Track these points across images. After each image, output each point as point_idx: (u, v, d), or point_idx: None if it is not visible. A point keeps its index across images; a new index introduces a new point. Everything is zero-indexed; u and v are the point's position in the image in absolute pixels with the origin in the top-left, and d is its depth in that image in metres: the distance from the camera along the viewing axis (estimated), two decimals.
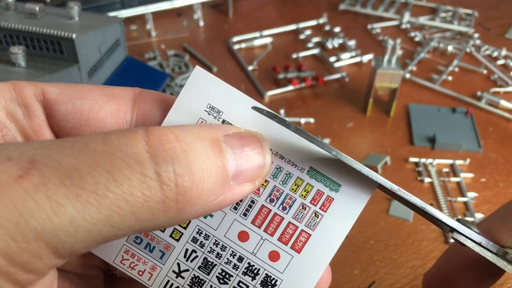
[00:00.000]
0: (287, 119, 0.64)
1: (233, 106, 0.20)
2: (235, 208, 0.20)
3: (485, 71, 0.73)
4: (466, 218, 0.51)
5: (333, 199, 0.19)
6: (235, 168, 0.17)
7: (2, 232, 0.12)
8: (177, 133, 0.16)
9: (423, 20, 0.84)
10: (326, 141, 0.59)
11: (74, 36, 0.49)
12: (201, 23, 0.83)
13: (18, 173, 0.13)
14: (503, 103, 0.66)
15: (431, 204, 0.53)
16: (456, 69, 0.73)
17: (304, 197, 0.19)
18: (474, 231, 0.18)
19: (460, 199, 0.53)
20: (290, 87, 0.68)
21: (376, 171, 0.56)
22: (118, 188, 0.14)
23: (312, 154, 0.19)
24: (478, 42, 0.80)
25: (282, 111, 0.63)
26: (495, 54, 0.77)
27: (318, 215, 0.19)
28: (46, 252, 0.13)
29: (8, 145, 0.14)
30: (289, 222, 0.20)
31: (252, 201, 0.20)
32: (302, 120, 0.63)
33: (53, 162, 0.14)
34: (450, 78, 0.71)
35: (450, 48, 0.77)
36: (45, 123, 0.19)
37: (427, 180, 0.55)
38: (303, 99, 0.67)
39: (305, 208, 0.19)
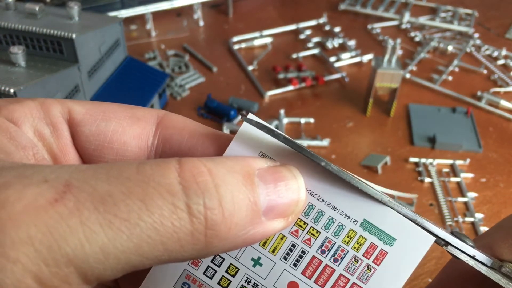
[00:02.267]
0: (286, 119, 0.64)
1: (285, 154, 0.19)
2: (285, 258, 0.20)
3: (485, 71, 0.73)
4: (467, 218, 0.51)
5: (387, 253, 0.19)
6: (267, 203, 0.16)
7: (35, 255, 0.12)
8: (209, 166, 0.15)
9: (423, 20, 0.84)
10: (326, 141, 0.59)
11: (74, 36, 0.49)
12: (201, 23, 0.83)
13: (54, 197, 0.13)
14: (503, 103, 0.66)
15: (430, 205, 0.53)
16: (456, 69, 0.73)
17: (357, 249, 0.19)
18: (468, 244, 0.18)
19: (460, 199, 0.53)
20: (290, 87, 0.68)
21: (376, 171, 0.56)
22: (149, 218, 0.14)
23: (366, 205, 0.19)
24: (478, 42, 0.80)
25: (282, 111, 0.63)
26: (495, 54, 0.77)
27: (371, 269, 0.19)
28: (75, 277, 0.13)
29: (45, 167, 0.15)
30: (341, 274, 0.19)
31: (303, 252, 0.19)
32: (302, 120, 0.63)
33: (88, 187, 0.14)
34: (450, 78, 0.71)
35: (450, 48, 0.77)
36: (71, 142, 0.19)
37: (427, 180, 0.55)
38: (303, 99, 0.67)
39: (358, 261, 0.19)
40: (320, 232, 0.19)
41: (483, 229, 0.50)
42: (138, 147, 0.19)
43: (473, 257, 0.18)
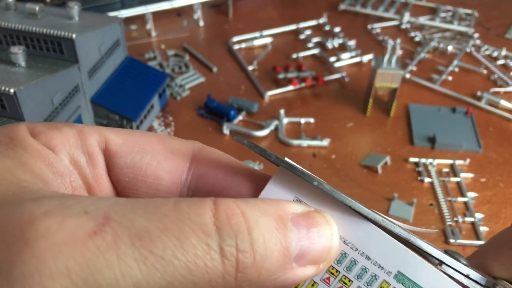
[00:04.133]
0: (286, 119, 0.63)
1: (320, 200, 0.19)
2: None
3: (485, 71, 0.73)
4: (466, 218, 0.51)
5: None
6: (299, 249, 0.16)
7: (71, 287, 0.13)
8: (243, 208, 0.16)
9: (423, 20, 0.84)
10: (326, 141, 0.59)
11: (74, 36, 0.49)
12: (201, 23, 0.83)
13: (93, 229, 0.13)
14: (503, 103, 0.66)
15: (430, 205, 0.53)
16: (456, 69, 0.73)
17: None
18: (462, 263, 0.18)
19: (460, 199, 0.53)
20: (290, 87, 0.68)
21: (376, 171, 0.56)
22: (184, 256, 0.14)
23: (400, 256, 0.19)
24: (478, 42, 0.80)
25: (282, 111, 0.63)
26: (495, 54, 0.77)
27: None
28: None
29: (84, 198, 0.15)
30: None
31: None
32: (302, 120, 0.63)
33: (126, 221, 0.14)
34: (450, 78, 0.71)
35: (450, 48, 0.77)
36: (105, 173, 0.19)
37: (427, 180, 0.55)
38: (303, 99, 0.67)
39: None
40: (352, 281, 0.19)
41: (483, 229, 0.50)
42: (172, 182, 0.20)
43: (467, 276, 0.18)
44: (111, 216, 0.14)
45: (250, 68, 0.72)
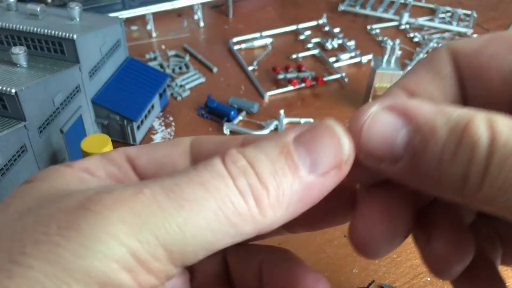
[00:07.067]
0: (286, 119, 0.64)
1: None
2: None
3: None
4: None
5: None
6: (309, 161, 0.18)
7: (129, 232, 0.15)
8: (243, 151, 0.18)
9: (422, 20, 0.84)
10: None
11: (75, 36, 0.50)
12: (202, 24, 0.84)
13: (135, 191, 0.16)
14: None
15: None
16: None
17: None
18: None
19: None
20: (290, 87, 0.68)
21: None
22: (211, 196, 0.16)
23: None
24: None
25: (282, 111, 0.63)
26: None
27: None
28: (162, 254, 0.16)
29: (122, 184, 0.18)
30: None
31: None
32: (302, 120, 0.63)
33: (160, 182, 0.17)
34: None
35: None
36: (133, 173, 0.23)
37: None
38: (302, 99, 0.68)
39: None
40: None
41: None
42: (185, 165, 0.23)
43: None
44: (146, 184, 0.17)
45: (250, 68, 0.73)
